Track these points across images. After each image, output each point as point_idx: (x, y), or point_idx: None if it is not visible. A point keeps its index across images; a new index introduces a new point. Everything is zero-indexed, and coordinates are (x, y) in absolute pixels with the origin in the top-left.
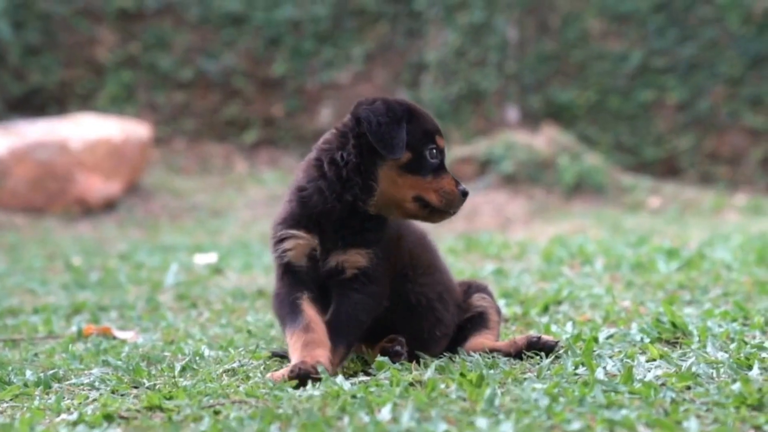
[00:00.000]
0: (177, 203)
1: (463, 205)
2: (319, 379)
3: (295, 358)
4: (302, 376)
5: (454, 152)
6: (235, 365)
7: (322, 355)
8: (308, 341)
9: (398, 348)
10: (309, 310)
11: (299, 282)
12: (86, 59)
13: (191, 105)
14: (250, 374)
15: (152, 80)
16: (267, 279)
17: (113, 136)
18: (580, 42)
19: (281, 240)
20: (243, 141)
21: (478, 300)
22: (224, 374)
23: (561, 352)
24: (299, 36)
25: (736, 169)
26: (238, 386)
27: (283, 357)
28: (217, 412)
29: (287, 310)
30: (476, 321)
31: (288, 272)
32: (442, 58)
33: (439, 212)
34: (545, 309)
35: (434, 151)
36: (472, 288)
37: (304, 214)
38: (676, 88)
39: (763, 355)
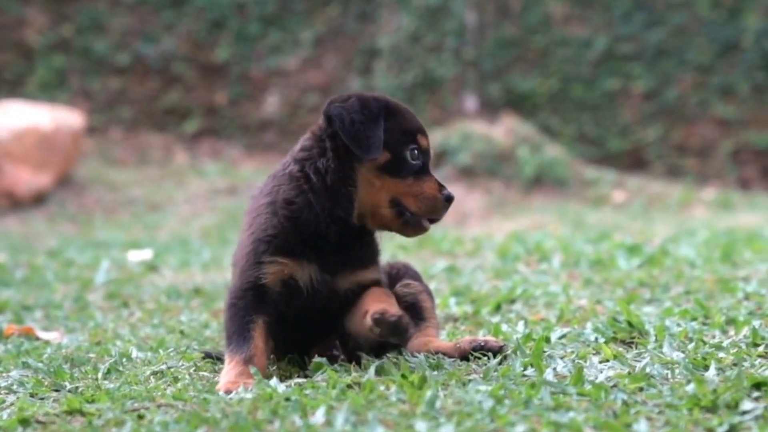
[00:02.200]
0: (112, 197)
1: (447, 212)
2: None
3: (224, 382)
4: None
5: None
6: (163, 367)
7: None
8: (243, 372)
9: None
10: (258, 340)
11: (262, 303)
12: (14, 42)
13: (128, 92)
14: (179, 376)
15: (86, 65)
16: (204, 277)
17: (43, 125)
18: (542, 27)
19: (264, 263)
20: (183, 130)
21: (403, 288)
22: (152, 376)
23: (510, 352)
24: (244, 19)
25: (705, 162)
26: (166, 389)
27: (217, 358)
28: (141, 416)
29: (236, 331)
30: (410, 313)
31: (255, 290)
32: (395, 43)
33: (413, 225)
34: (497, 308)
35: (416, 151)
36: (393, 272)
37: (296, 235)
38: (642, 76)
39: (721, 355)
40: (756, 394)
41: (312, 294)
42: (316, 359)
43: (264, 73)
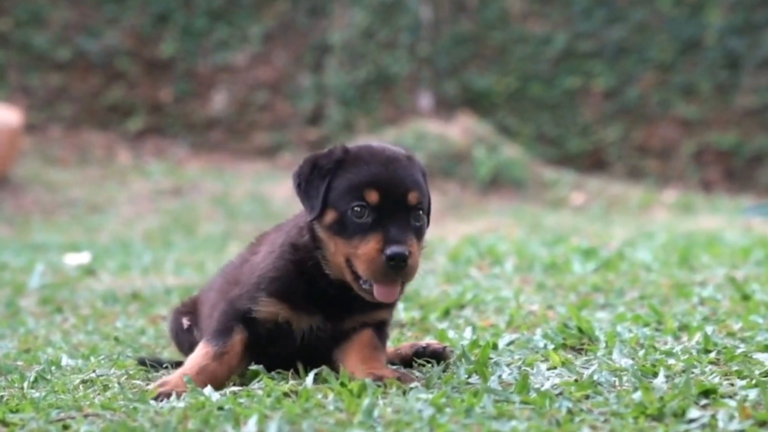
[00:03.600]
0: (51, 198)
1: (405, 274)
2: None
3: (174, 378)
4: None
5: (360, 142)
6: (93, 375)
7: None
8: (207, 371)
9: None
10: (237, 343)
11: (247, 328)
12: None
13: (69, 88)
14: (109, 385)
15: (25, 60)
16: (144, 281)
17: None
18: (500, 23)
19: (260, 303)
20: (127, 129)
21: None
22: (80, 385)
23: (455, 359)
24: (190, 13)
25: (667, 163)
26: (94, 398)
27: (152, 366)
28: (66, 427)
29: (219, 328)
30: None
31: (243, 320)
32: (348, 39)
33: (367, 291)
34: (446, 313)
35: (358, 209)
36: None
37: (300, 286)
38: (602, 75)
39: (671, 361)
40: (704, 401)
41: (308, 338)
42: (253, 367)
43: (211, 69)
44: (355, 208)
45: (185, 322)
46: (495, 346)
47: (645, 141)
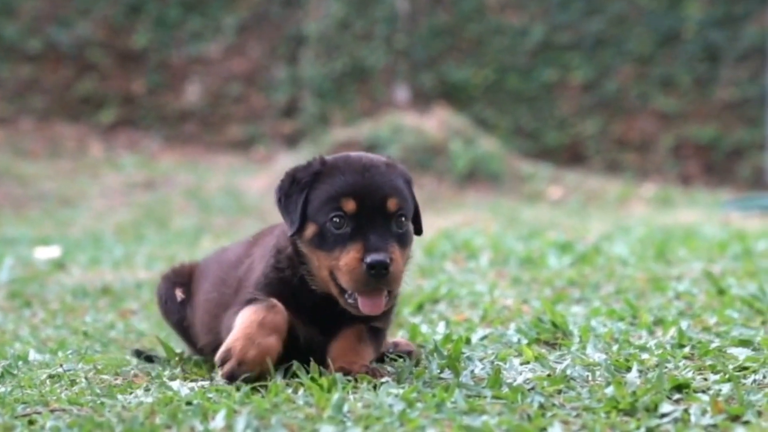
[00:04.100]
0: (21, 191)
1: (387, 282)
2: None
3: (236, 340)
4: (233, 379)
5: (335, 135)
6: (60, 370)
7: (273, 345)
8: (265, 322)
9: None
10: (279, 304)
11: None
12: None
13: (40, 80)
14: (76, 380)
15: None
16: (115, 275)
17: None
18: (477, 15)
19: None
20: (99, 121)
21: None
22: (48, 380)
23: (427, 354)
24: (163, 3)
25: (645, 157)
26: (61, 393)
27: (147, 358)
28: (32, 422)
29: (252, 300)
30: None
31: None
32: (323, 31)
33: (353, 306)
34: (419, 308)
35: (336, 219)
36: None
37: (291, 300)
38: (580, 67)
39: (644, 356)
40: (677, 396)
41: (307, 343)
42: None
43: (184, 60)
44: (334, 219)
45: (179, 294)
46: (468, 341)
47: (623, 134)
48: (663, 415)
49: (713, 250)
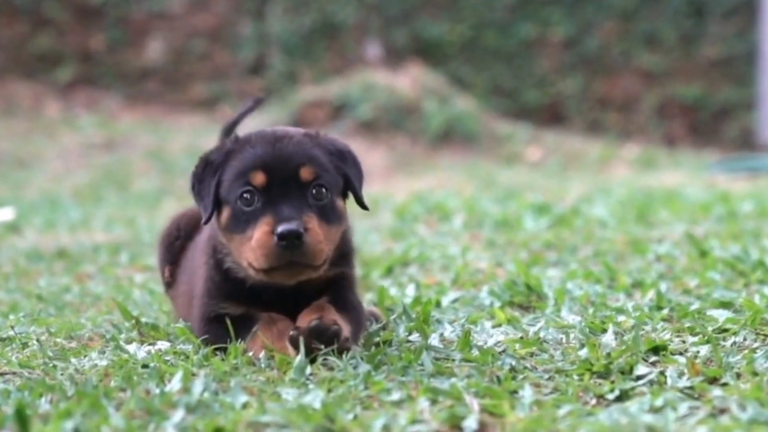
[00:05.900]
0: None
1: (302, 254)
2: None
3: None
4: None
5: (304, 94)
6: (11, 333)
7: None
8: (281, 329)
9: None
10: (271, 314)
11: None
12: None
13: None
14: (28, 343)
15: None
16: (71, 238)
17: None
18: None
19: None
20: (56, 79)
21: None
22: None
23: (396, 317)
24: None
25: (628, 117)
26: (12, 356)
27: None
28: None
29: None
30: None
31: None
32: None
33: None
34: (389, 271)
35: (247, 195)
36: None
37: (241, 295)
38: (561, 23)
39: (621, 318)
40: (653, 358)
41: None
42: (182, 325)
43: (146, 15)
44: (244, 196)
45: (167, 273)
46: (438, 304)
47: (605, 93)
48: (638, 377)
49: (696, 212)
